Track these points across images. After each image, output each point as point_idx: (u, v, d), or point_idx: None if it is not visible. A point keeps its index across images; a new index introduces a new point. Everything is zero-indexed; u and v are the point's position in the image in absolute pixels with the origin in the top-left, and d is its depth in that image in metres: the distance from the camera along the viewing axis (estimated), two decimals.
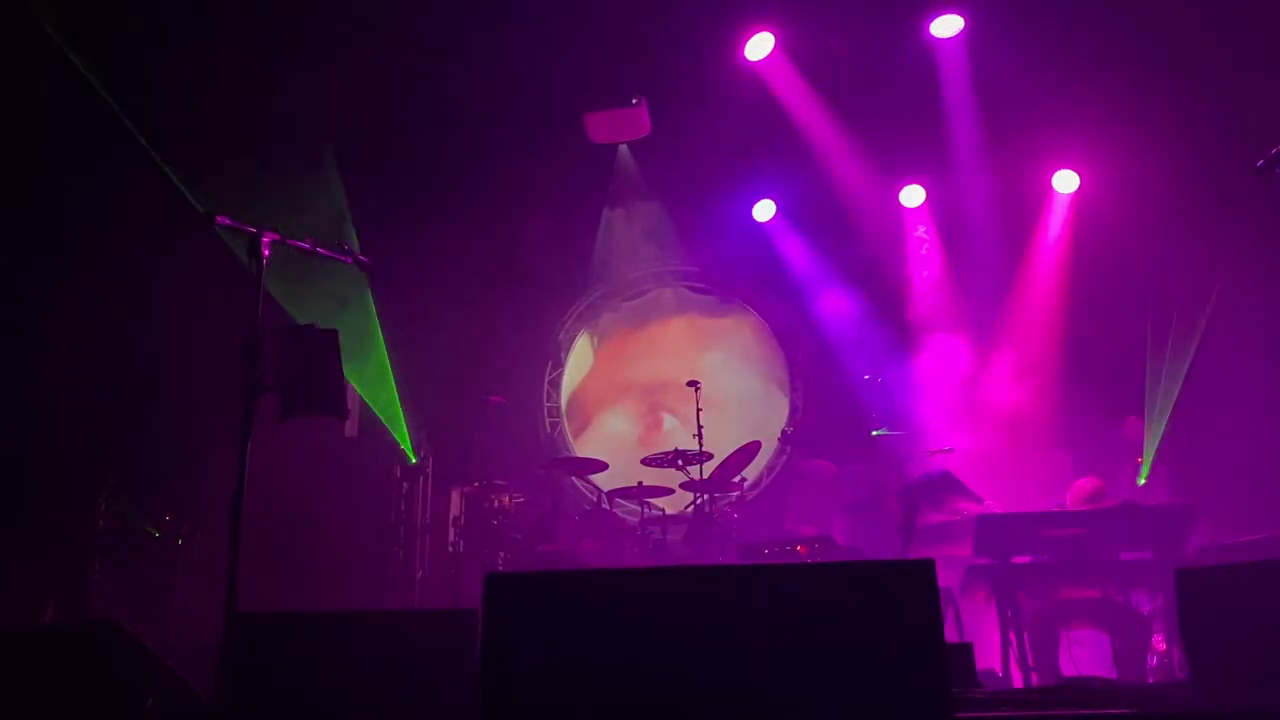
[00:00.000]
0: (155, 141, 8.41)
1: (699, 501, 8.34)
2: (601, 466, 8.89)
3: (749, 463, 8.51)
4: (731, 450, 8.33)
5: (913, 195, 10.26)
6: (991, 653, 5.67)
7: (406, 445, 9.36)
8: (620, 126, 10.15)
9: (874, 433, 7.87)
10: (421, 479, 9.20)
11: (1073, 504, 6.56)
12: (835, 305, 10.29)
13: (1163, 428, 8.41)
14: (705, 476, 8.21)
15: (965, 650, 4.06)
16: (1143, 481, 7.53)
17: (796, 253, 10.62)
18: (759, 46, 9.45)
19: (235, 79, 8.51)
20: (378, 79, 9.17)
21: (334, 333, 4.82)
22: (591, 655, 2.75)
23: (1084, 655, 5.93)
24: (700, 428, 8.14)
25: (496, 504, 8.19)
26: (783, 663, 2.69)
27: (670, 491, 8.26)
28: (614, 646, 2.75)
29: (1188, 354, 8.61)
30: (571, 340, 11.55)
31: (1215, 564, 5.03)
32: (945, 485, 6.75)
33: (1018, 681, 5.50)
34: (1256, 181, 4.91)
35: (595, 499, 8.96)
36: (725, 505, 8.68)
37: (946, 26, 9.12)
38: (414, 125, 9.67)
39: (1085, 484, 6.57)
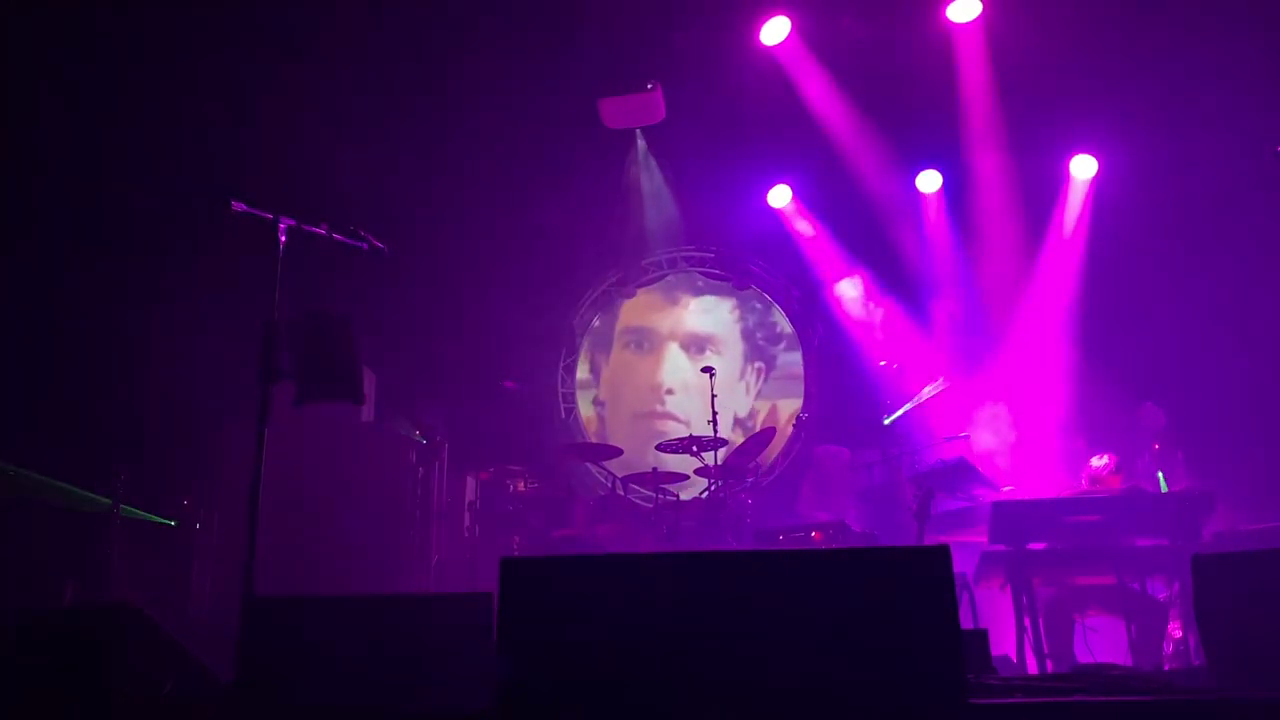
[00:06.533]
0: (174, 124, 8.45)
1: (713, 487, 8.35)
2: (616, 452, 8.89)
3: (764, 448, 8.49)
4: (745, 436, 8.35)
5: (929, 180, 10.22)
6: (1007, 639, 5.66)
7: None
8: (635, 112, 10.09)
9: (886, 420, 7.86)
10: (437, 464, 9.22)
11: (1090, 480, 6.64)
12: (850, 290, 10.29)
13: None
14: (720, 462, 8.22)
15: (980, 636, 4.05)
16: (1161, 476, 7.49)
17: (811, 238, 10.61)
18: (775, 31, 9.40)
19: (253, 66, 8.53)
20: (392, 64, 9.16)
21: (349, 317, 4.84)
22: (606, 638, 2.76)
23: (1099, 642, 5.93)
24: (715, 414, 8.14)
25: (512, 489, 8.22)
26: (797, 648, 2.70)
27: (685, 478, 8.26)
28: (628, 629, 2.76)
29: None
30: (586, 326, 11.56)
31: (1232, 550, 5.00)
32: (960, 471, 6.74)
33: (1033, 668, 5.49)
34: (1276, 165, 4.89)
35: (610, 485, 8.96)
36: (740, 491, 8.68)
37: (964, 10, 9.05)
38: (428, 112, 9.65)
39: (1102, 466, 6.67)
